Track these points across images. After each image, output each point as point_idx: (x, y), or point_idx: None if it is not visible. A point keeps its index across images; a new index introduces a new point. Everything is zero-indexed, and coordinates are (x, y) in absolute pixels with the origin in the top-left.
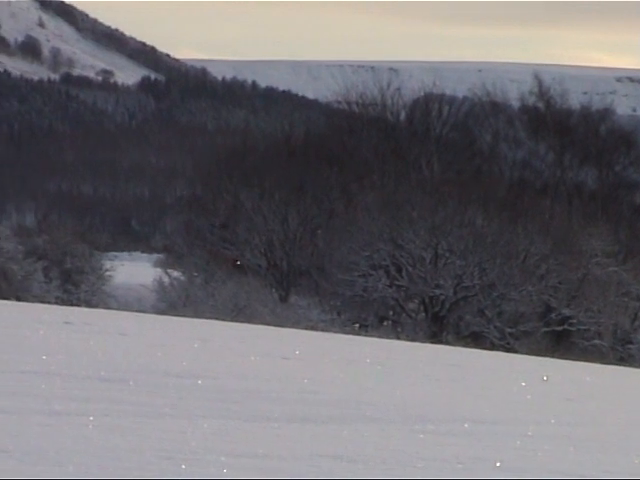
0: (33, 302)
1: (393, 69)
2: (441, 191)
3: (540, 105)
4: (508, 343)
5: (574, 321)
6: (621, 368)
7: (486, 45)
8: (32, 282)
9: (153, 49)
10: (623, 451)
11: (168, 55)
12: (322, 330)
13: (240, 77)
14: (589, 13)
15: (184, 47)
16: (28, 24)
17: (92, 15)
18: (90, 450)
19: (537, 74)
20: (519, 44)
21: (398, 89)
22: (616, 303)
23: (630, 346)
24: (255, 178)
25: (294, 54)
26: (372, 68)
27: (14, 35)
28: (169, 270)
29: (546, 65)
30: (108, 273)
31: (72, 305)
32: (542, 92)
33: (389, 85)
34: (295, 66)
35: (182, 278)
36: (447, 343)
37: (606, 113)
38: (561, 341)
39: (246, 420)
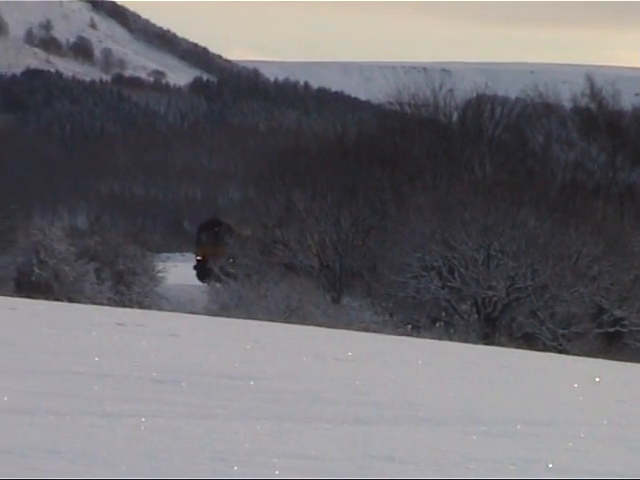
0: (85, 303)
1: (445, 70)
2: (493, 192)
3: (592, 106)
4: (560, 344)
5: (626, 322)
6: None
7: (538, 46)
8: (84, 283)
9: (205, 50)
10: None
11: (220, 56)
12: (374, 331)
13: (292, 78)
14: None
15: (236, 48)
16: (80, 25)
17: (144, 16)
18: (142, 451)
19: (589, 75)
20: (571, 45)
21: (450, 90)
22: None
23: None
24: (307, 179)
25: (346, 55)
26: (424, 69)
27: (66, 36)
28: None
29: (598, 66)
30: (160, 274)
31: (124, 306)
32: (594, 93)
33: (441, 86)
34: (347, 67)
35: (234, 279)
36: (499, 344)
37: None
38: (613, 342)
39: (298, 421)
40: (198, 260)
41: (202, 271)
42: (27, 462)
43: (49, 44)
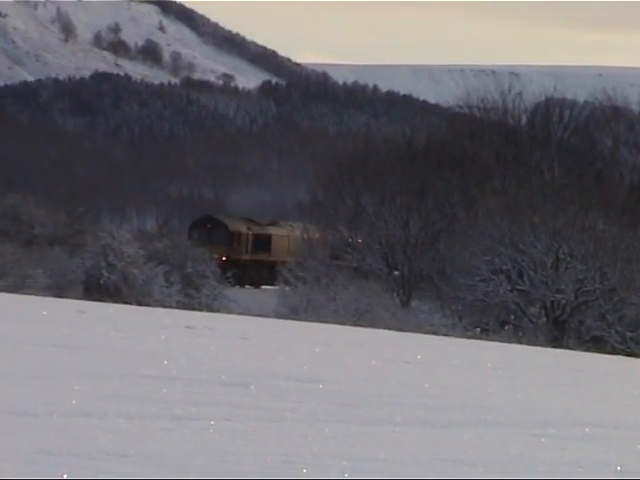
0: (154, 306)
1: (514, 73)
2: (562, 195)
3: None
4: (629, 347)
5: None
6: None
7: (607, 49)
8: (153, 286)
9: (274, 53)
10: None
11: (289, 59)
12: (443, 334)
13: (361, 81)
14: None
15: (305, 51)
16: (149, 28)
17: (213, 19)
18: (211, 454)
19: None
20: None
21: (519, 93)
22: None
23: None
24: (376, 183)
25: (415, 58)
26: (493, 72)
27: (135, 39)
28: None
29: None
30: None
31: (193, 309)
32: None
33: (510, 89)
34: (416, 70)
35: (303, 282)
36: (568, 347)
37: None
38: None
39: (367, 424)
40: None
41: None
42: (96, 465)
43: (118, 47)
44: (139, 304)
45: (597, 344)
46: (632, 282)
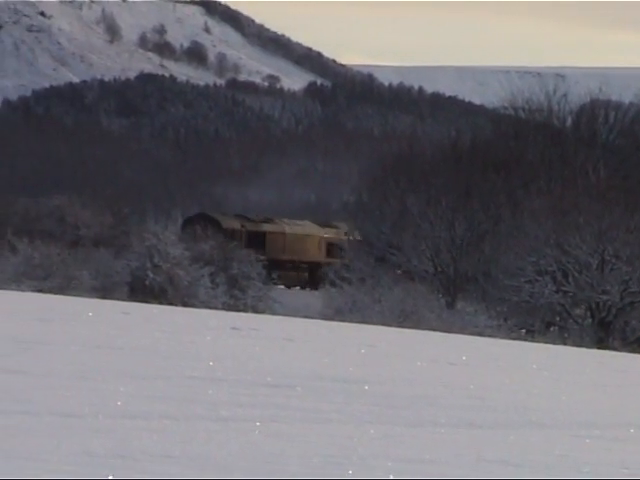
0: (200, 308)
1: (559, 75)
2: (608, 197)
3: None
4: None
5: None
6: None
7: None
8: (199, 288)
9: (319, 54)
10: None
11: (334, 60)
12: (489, 336)
13: (406, 83)
14: None
15: (350, 53)
16: (194, 30)
17: (258, 21)
18: (257, 456)
19: None
20: None
21: (564, 95)
22: None
23: None
24: (422, 184)
25: (460, 59)
26: (538, 74)
27: (180, 40)
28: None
29: None
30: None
31: (239, 311)
32: None
33: (555, 91)
34: (461, 72)
35: (349, 284)
36: (613, 349)
37: None
38: None
39: (413, 425)
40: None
41: None
42: (141, 466)
43: (163, 48)
44: (184, 305)
45: None
46: None
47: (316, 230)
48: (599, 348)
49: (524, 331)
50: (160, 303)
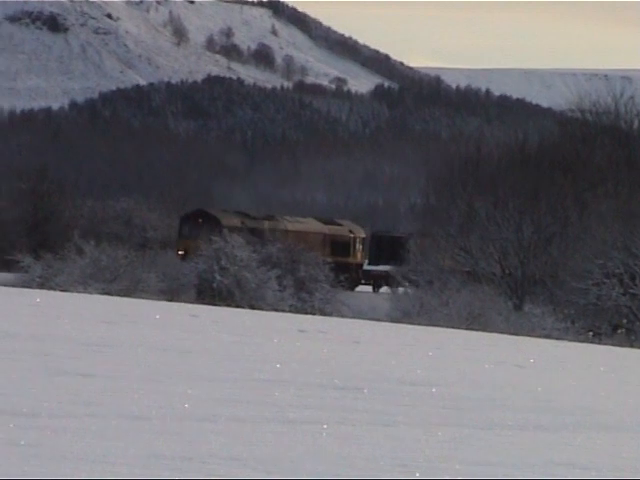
0: (267, 310)
1: (626, 77)
2: None
3: None
4: None
5: None
6: None
7: None
8: (266, 290)
9: (387, 57)
10: None
11: (402, 63)
12: (556, 338)
13: (474, 85)
14: None
15: (418, 55)
16: (261, 32)
17: (325, 23)
18: (324, 458)
19: None
20: None
21: (631, 97)
22: None
23: None
24: (489, 186)
25: (527, 62)
26: (605, 76)
27: (247, 43)
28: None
29: None
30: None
31: (306, 313)
32: None
33: (622, 93)
34: (528, 74)
35: (416, 286)
36: None
37: None
38: None
39: (480, 428)
40: (180, 255)
41: None
42: (208, 469)
43: (230, 51)
44: (252, 308)
45: None
46: None
47: (319, 227)
48: None
49: (591, 333)
50: (227, 306)
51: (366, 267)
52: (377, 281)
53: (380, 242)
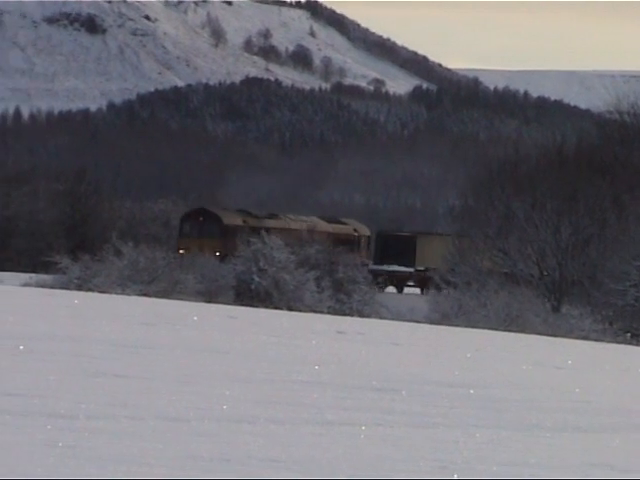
0: (305, 312)
1: None
2: None
3: None
4: None
5: None
6: None
7: None
8: (304, 292)
9: (425, 58)
10: None
11: (440, 64)
12: (594, 340)
13: (512, 87)
14: None
15: (456, 57)
16: (299, 33)
17: (363, 24)
18: (362, 460)
19: None
20: None
21: None
22: None
23: None
24: (527, 188)
25: (566, 64)
26: None
27: (285, 44)
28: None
29: None
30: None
31: (344, 315)
32: None
33: None
34: (567, 76)
35: (454, 288)
36: None
37: None
38: None
39: (518, 429)
40: (181, 254)
41: None
42: (246, 471)
43: (268, 52)
44: (290, 309)
45: None
46: None
47: (323, 226)
48: None
49: (629, 335)
50: (266, 307)
51: (371, 267)
52: (401, 282)
53: (385, 241)
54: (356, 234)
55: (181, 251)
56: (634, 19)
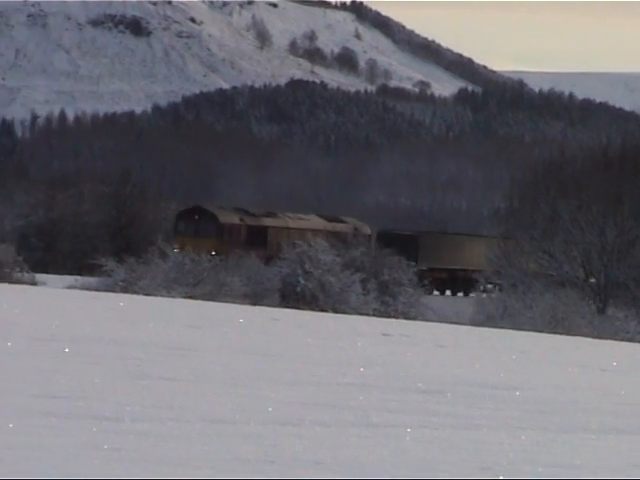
0: (351, 314)
1: None
2: None
3: None
4: None
5: None
6: None
7: None
8: (350, 294)
9: (470, 61)
10: None
11: (485, 67)
12: (639, 341)
13: (557, 89)
14: None
15: (501, 59)
16: (344, 36)
17: (408, 26)
18: (408, 462)
19: None
20: None
21: None
22: None
23: None
24: (572, 190)
25: (611, 66)
26: None
27: (330, 47)
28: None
29: None
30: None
31: (389, 317)
32: None
33: None
34: (612, 78)
35: (500, 290)
36: None
37: None
38: None
39: (563, 431)
40: (175, 252)
41: None
42: (292, 473)
43: (313, 54)
44: (335, 312)
45: None
46: None
47: (322, 224)
48: None
49: None
50: (311, 309)
51: None
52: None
53: (386, 240)
54: (355, 232)
55: (176, 250)
56: None
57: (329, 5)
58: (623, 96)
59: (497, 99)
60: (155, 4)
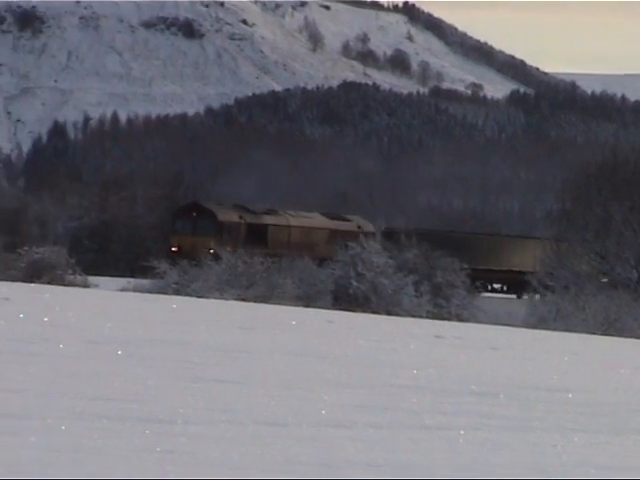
0: (403, 316)
1: None
2: None
3: None
4: None
5: None
6: None
7: None
8: (403, 296)
9: (522, 62)
10: None
11: (537, 69)
12: None
13: (610, 91)
14: None
15: (553, 61)
16: (397, 38)
17: (461, 29)
18: (461, 464)
19: None
20: None
21: None
22: None
23: None
24: (625, 192)
25: None
26: None
27: (383, 49)
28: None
29: None
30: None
31: (443, 319)
32: None
33: None
34: None
35: (552, 292)
36: None
37: None
38: None
39: (616, 433)
40: (173, 251)
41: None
42: (344, 475)
43: (366, 57)
44: (388, 314)
45: None
46: None
47: (325, 223)
48: None
49: None
50: (364, 311)
51: None
52: None
53: (390, 238)
54: (359, 230)
55: (173, 249)
56: None
57: (381, 7)
58: None
59: (549, 101)
60: (207, 6)
